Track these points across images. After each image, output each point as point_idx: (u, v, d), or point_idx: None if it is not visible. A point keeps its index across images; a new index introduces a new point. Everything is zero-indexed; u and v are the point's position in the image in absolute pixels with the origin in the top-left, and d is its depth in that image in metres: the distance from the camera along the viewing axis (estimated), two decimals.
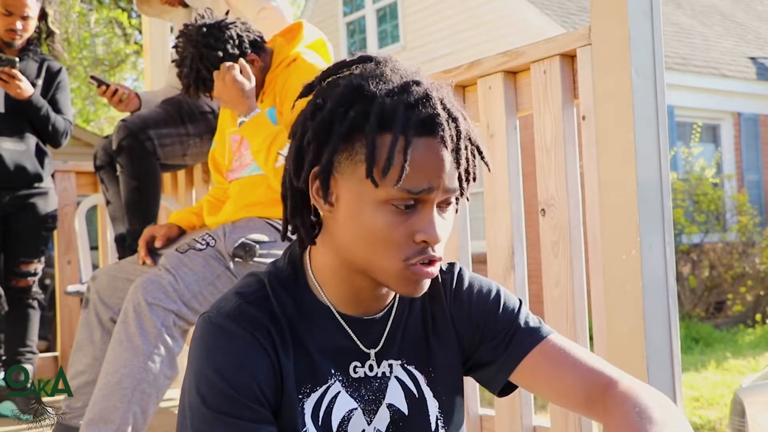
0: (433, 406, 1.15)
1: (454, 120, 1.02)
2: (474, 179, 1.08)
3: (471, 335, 1.16)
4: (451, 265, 1.21)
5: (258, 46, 2.20)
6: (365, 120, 0.99)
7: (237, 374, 1.02)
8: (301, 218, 1.11)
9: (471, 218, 2.10)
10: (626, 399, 1.02)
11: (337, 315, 1.10)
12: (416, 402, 1.13)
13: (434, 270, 1.04)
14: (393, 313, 1.14)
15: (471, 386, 2.04)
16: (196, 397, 1.02)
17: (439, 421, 1.15)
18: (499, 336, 1.15)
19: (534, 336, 1.14)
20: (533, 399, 1.92)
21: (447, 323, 1.16)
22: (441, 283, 1.18)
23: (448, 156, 1.01)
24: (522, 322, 1.15)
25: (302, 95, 1.13)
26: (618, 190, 1.63)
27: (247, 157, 2.18)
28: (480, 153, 1.08)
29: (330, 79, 1.09)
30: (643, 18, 1.63)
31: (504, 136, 1.92)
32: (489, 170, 1.13)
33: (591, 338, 1.75)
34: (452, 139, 1.01)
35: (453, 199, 1.05)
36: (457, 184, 1.03)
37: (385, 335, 1.13)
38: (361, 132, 0.99)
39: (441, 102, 1.02)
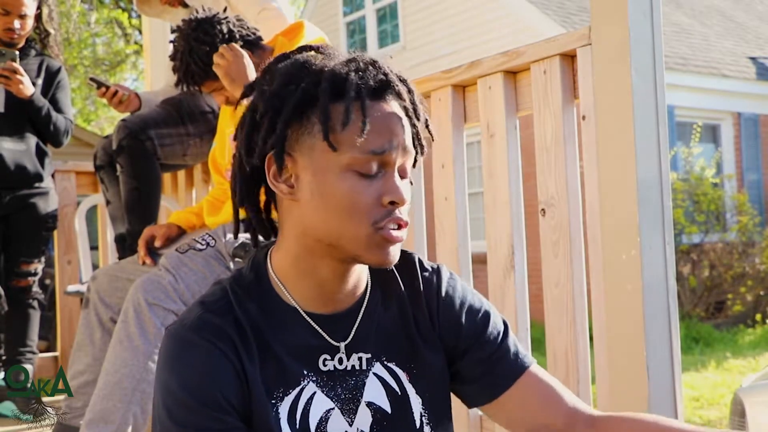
0: (416, 403, 1.13)
1: (404, 83, 1.06)
2: (423, 147, 1.10)
3: (455, 342, 1.16)
4: (438, 267, 1.20)
5: (252, 42, 2.20)
6: (316, 89, 1.00)
7: (201, 386, 1.01)
8: (252, 204, 1.10)
9: (471, 218, 2.10)
10: None
11: (304, 314, 1.08)
12: (399, 400, 1.12)
13: (402, 234, 1.03)
14: (363, 308, 1.12)
15: None
16: (163, 410, 1.02)
17: (423, 418, 1.13)
18: (485, 354, 1.15)
19: (519, 366, 1.15)
20: None
21: (427, 322, 1.15)
22: (422, 281, 1.16)
23: (404, 116, 1.04)
24: (510, 346, 1.16)
25: (244, 95, 1.12)
26: (618, 190, 1.63)
27: None
28: (425, 120, 1.10)
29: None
30: (643, 18, 1.63)
31: (504, 136, 1.92)
32: (433, 139, 1.13)
33: (591, 338, 1.75)
34: (405, 101, 1.05)
35: (409, 167, 1.06)
36: (412, 146, 1.05)
37: (354, 328, 1.11)
38: (313, 103, 1.01)
39: (389, 67, 1.05)
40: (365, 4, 11.95)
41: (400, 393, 1.12)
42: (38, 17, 2.85)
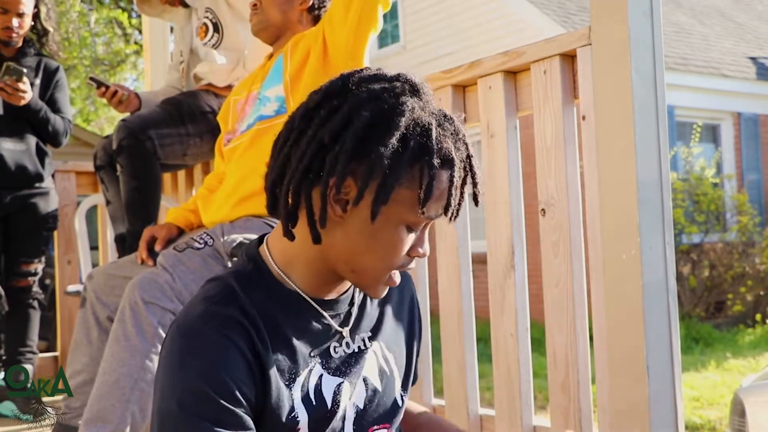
0: (398, 384, 1.23)
1: (470, 158, 1.10)
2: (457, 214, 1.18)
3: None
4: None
5: None
6: (425, 154, 1.03)
7: (215, 376, 1.01)
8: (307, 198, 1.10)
9: (471, 218, 2.10)
10: None
11: (308, 298, 1.13)
12: (386, 379, 1.20)
13: (399, 279, 1.14)
14: (354, 293, 1.20)
15: (471, 386, 2.04)
16: (174, 406, 1.01)
17: (403, 397, 1.24)
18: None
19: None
20: (533, 399, 1.92)
21: (404, 316, 1.29)
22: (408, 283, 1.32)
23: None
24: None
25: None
26: (618, 190, 1.63)
27: (249, 113, 2.16)
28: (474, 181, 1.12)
29: (363, 86, 1.06)
30: (643, 18, 1.63)
31: (504, 136, 1.92)
32: (477, 205, 1.17)
33: (591, 338, 1.75)
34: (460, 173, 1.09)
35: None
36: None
37: (354, 313, 1.19)
38: (418, 164, 1.03)
39: (465, 135, 1.10)
40: None
41: (388, 372, 1.21)
42: (36, 16, 2.85)
